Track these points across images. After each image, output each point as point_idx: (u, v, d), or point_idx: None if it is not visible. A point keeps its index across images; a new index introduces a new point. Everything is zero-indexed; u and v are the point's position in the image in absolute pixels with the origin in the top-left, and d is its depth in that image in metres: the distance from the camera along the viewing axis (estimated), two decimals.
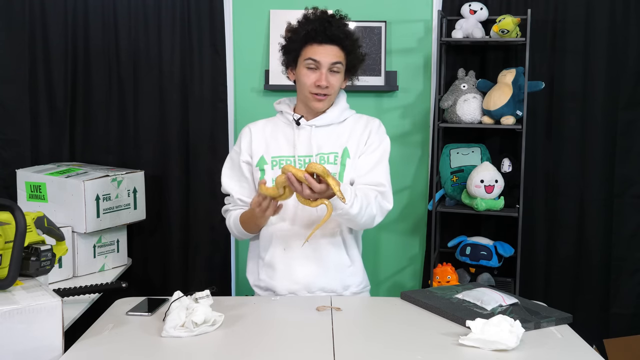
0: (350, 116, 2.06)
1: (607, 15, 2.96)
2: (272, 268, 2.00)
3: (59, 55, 3.00)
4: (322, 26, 1.92)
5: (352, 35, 1.99)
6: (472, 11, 2.92)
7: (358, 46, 2.01)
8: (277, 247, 1.99)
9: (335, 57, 1.93)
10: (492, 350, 1.50)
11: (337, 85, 1.97)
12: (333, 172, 1.96)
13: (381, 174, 1.99)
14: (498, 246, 2.89)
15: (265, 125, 2.07)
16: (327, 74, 1.93)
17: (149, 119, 3.06)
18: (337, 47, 1.94)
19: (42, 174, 2.63)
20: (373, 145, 2.01)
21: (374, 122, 2.06)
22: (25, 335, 1.45)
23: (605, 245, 3.06)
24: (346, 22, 1.99)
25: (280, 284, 1.98)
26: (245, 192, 2.04)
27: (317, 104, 1.96)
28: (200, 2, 3.01)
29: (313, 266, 1.97)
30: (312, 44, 1.93)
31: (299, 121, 2.00)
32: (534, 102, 2.97)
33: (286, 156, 1.99)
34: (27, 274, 1.66)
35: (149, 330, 1.64)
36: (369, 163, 1.99)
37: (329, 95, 1.96)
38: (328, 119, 2.01)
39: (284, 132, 2.03)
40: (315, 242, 1.96)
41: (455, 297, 1.85)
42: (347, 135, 2.01)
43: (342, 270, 2.00)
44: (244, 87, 3.13)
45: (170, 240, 3.11)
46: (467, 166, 2.96)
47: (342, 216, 1.85)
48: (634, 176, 3.03)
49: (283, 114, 2.05)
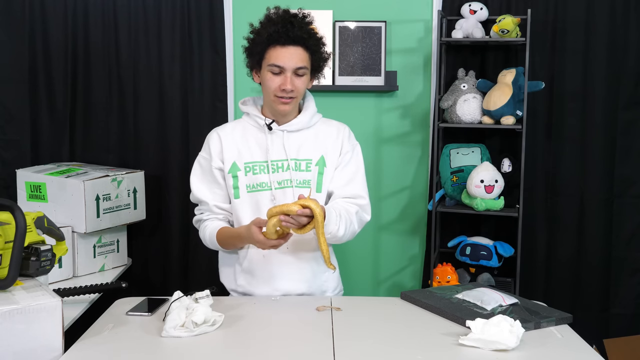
0: (318, 120, 2.06)
1: (607, 15, 2.96)
2: (251, 274, 2.00)
3: (59, 56, 3.00)
4: (284, 27, 1.89)
5: (316, 34, 1.97)
6: (472, 11, 2.92)
7: (322, 44, 1.99)
8: (256, 254, 1.98)
9: (300, 61, 1.92)
10: (492, 350, 1.50)
11: (302, 88, 1.96)
12: (307, 179, 1.97)
13: (359, 185, 2.02)
14: (498, 246, 2.89)
15: (234, 129, 2.04)
16: (291, 77, 1.91)
17: (149, 119, 3.06)
18: (300, 47, 1.92)
19: (42, 174, 2.63)
20: (347, 155, 2.02)
21: (344, 129, 2.06)
22: (25, 335, 1.45)
23: (605, 245, 3.05)
24: (309, 21, 1.97)
25: (260, 290, 1.99)
26: (220, 198, 2.02)
27: (283, 107, 1.95)
28: (200, 3, 3.01)
29: (293, 273, 1.98)
30: (275, 46, 1.91)
31: (271, 126, 1.99)
32: (534, 102, 2.97)
33: (259, 161, 1.98)
34: (27, 274, 1.66)
35: (149, 330, 1.64)
36: (346, 175, 2.01)
37: (294, 98, 1.95)
38: (299, 124, 2.00)
39: (255, 136, 2.01)
40: (294, 250, 1.98)
41: (455, 297, 1.85)
42: (320, 141, 2.01)
43: (319, 276, 2.03)
44: (244, 87, 3.12)
45: (170, 240, 3.11)
46: (467, 166, 2.96)
47: (330, 240, 1.88)
48: (634, 176, 3.03)
49: (250, 116, 2.03)
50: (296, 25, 1.91)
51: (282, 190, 1.96)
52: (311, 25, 1.97)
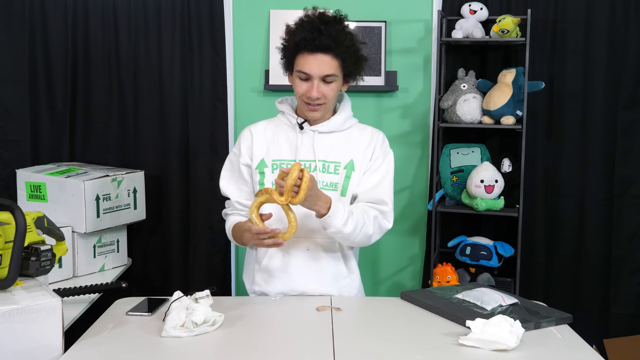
0: (353, 125, 2.04)
1: (607, 15, 2.96)
2: (269, 273, 1.99)
3: (59, 55, 3.00)
4: (311, 35, 1.86)
5: (346, 41, 1.91)
6: (472, 11, 2.92)
7: (355, 51, 1.94)
8: (276, 253, 1.97)
9: (328, 68, 1.88)
10: (492, 350, 1.50)
11: (331, 95, 1.92)
12: (335, 181, 1.95)
13: (384, 191, 1.97)
14: (498, 246, 2.89)
15: (267, 127, 2.04)
16: (318, 84, 1.88)
17: (149, 119, 3.06)
18: (329, 55, 1.88)
19: (42, 174, 2.63)
20: (378, 160, 1.99)
21: (378, 135, 2.03)
22: (25, 335, 1.45)
23: (605, 245, 3.05)
24: (343, 25, 1.92)
25: (276, 289, 1.97)
26: (244, 195, 2.02)
27: (311, 114, 1.94)
28: (200, 2, 3.01)
29: (311, 275, 1.96)
30: (303, 53, 1.89)
31: (302, 125, 1.98)
32: (534, 102, 2.97)
33: (287, 160, 1.97)
34: (27, 274, 1.66)
35: (149, 330, 1.64)
36: (373, 180, 1.97)
37: (323, 104, 1.92)
38: (332, 125, 1.99)
39: (286, 135, 2.00)
40: (315, 253, 1.96)
41: (455, 297, 1.85)
42: (351, 146, 1.99)
43: (339, 280, 2.00)
44: (244, 87, 3.13)
45: (170, 240, 3.11)
46: (467, 166, 2.96)
47: (335, 234, 1.85)
48: (634, 176, 3.03)
49: (285, 115, 2.03)
50: (324, 32, 1.86)
51: None
52: (344, 30, 1.91)
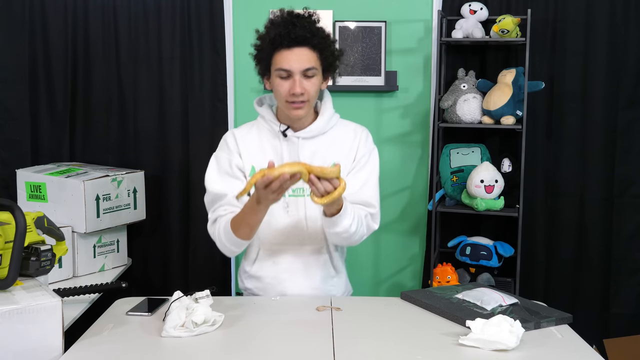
0: (335, 124, 2.00)
1: (607, 15, 2.96)
2: (259, 280, 1.99)
3: (59, 56, 3.00)
4: (286, 29, 1.82)
5: (321, 32, 1.88)
6: (472, 11, 2.92)
7: (331, 42, 1.91)
8: (265, 260, 1.97)
9: (307, 62, 1.84)
10: (492, 350, 1.50)
11: (313, 90, 1.87)
12: None
13: (371, 193, 1.96)
14: (498, 246, 2.89)
15: (249, 131, 1.99)
16: (300, 80, 1.84)
17: (149, 119, 3.06)
18: (306, 48, 1.84)
19: (42, 174, 2.63)
20: (362, 159, 1.97)
21: (362, 132, 2.00)
22: (25, 335, 1.45)
23: (605, 245, 3.06)
24: (314, 20, 1.89)
25: (267, 294, 1.98)
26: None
27: (296, 112, 1.88)
28: (200, 2, 3.01)
29: (301, 279, 1.97)
30: (280, 50, 1.84)
31: (285, 132, 1.94)
32: (534, 102, 2.97)
33: None
34: (27, 274, 1.66)
35: (149, 330, 1.63)
36: (359, 180, 1.96)
37: (306, 102, 1.87)
38: (316, 130, 1.94)
39: (270, 142, 1.96)
40: (303, 257, 1.96)
41: (455, 297, 1.85)
42: (335, 147, 1.96)
43: (327, 281, 2.01)
44: (244, 87, 3.12)
45: (170, 240, 3.11)
46: (467, 166, 2.96)
47: (341, 234, 1.84)
48: (634, 176, 3.03)
49: (266, 120, 1.97)
50: (298, 25, 1.83)
51: (295, 198, 1.92)
52: (317, 23, 1.89)
